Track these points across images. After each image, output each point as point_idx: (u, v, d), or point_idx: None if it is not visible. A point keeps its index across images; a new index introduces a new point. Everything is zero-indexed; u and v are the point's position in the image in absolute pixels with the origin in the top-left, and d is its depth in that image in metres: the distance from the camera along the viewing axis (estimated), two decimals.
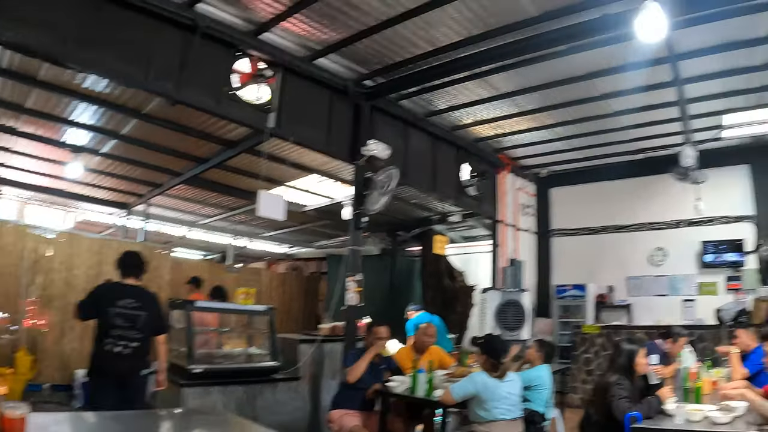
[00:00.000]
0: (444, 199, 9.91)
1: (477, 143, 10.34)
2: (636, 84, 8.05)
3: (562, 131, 10.04)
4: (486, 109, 8.97)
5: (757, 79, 7.96)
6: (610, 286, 11.78)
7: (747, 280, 10.81)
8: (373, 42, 6.81)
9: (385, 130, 8.27)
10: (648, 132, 10.13)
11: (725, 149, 10.83)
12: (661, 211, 11.58)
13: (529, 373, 5.88)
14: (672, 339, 6.80)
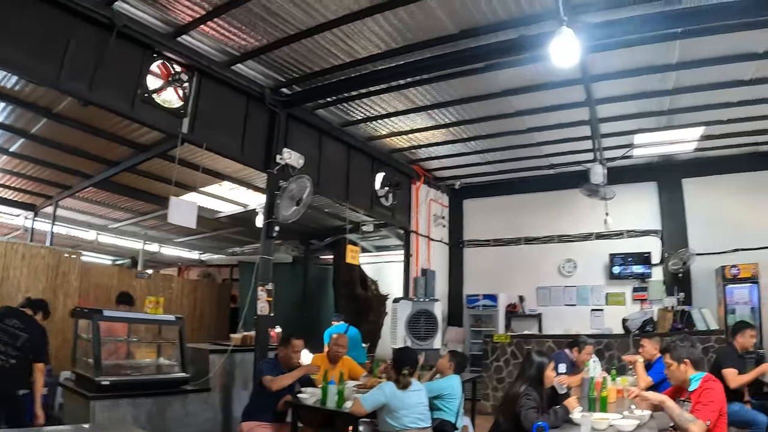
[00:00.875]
0: (357, 209, 10.08)
1: (392, 154, 10.63)
2: (550, 102, 8.62)
3: (477, 145, 10.46)
4: (402, 121, 9.26)
5: (667, 102, 8.69)
6: (521, 296, 12.34)
7: (653, 291, 11.69)
8: (292, 50, 6.94)
9: (300, 138, 8.40)
10: (560, 148, 10.73)
11: (635, 167, 11.73)
12: (571, 224, 12.26)
13: (441, 383, 6.02)
14: (578, 348, 6.96)
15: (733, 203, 11.65)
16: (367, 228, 11.38)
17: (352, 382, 6.35)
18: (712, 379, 4.46)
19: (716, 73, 7.75)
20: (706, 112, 9.17)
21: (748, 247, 11.33)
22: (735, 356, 6.67)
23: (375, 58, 7.09)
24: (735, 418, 6.28)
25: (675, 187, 11.96)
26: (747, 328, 6.87)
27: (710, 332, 10.01)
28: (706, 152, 11.33)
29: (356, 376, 6.94)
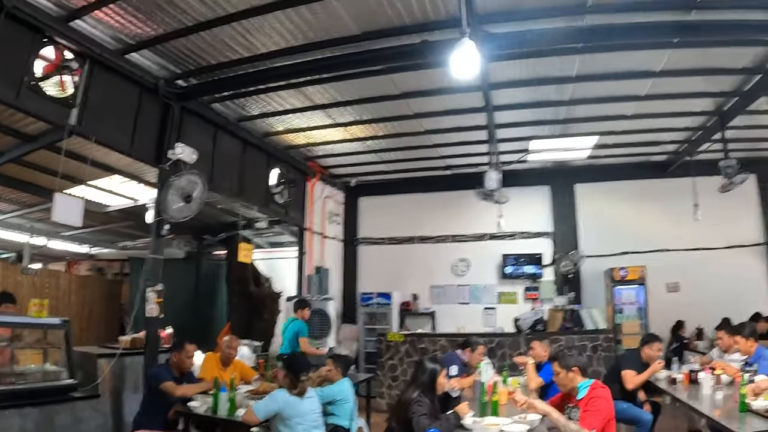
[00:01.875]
0: (251, 206, 10.03)
1: (288, 150, 10.67)
2: (449, 107, 9.00)
3: (374, 144, 10.71)
4: (299, 118, 9.34)
5: (564, 111, 9.31)
6: (415, 294, 12.74)
7: (544, 290, 12.41)
8: (189, 42, 6.82)
9: (194, 132, 8.22)
10: (457, 151, 11.16)
11: (530, 171, 12.39)
12: (465, 224, 12.79)
13: (332, 389, 6.02)
14: (471, 348, 7.14)
15: (623, 209, 12.66)
16: (260, 225, 11.31)
17: (244, 387, 6.31)
18: (600, 386, 4.65)
19: (613, 87, 8.39)
20: (600, 123, 9.90)
21: (636, 251, 12.33)
22: (638, 362, 7.07)
23: (275, 54, 7.12)
24: (622, 416, 6.69)
25: (568, 192, 12.79)
26: (656, 342, 7.21)
27: (599, 331, 10.63)
28: (599, 160, 12.18)
29: (248, 378, 6.89)
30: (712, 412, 5.23)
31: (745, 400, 4.93)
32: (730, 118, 9.60)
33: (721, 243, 12.45)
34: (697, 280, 12.24)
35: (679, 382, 6.81)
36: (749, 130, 10.64)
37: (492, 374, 6.49)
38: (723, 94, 9.00)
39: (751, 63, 7.92)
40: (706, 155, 11.27)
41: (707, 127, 10.34)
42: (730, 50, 7.45)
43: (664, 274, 12.36)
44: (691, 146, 11.29)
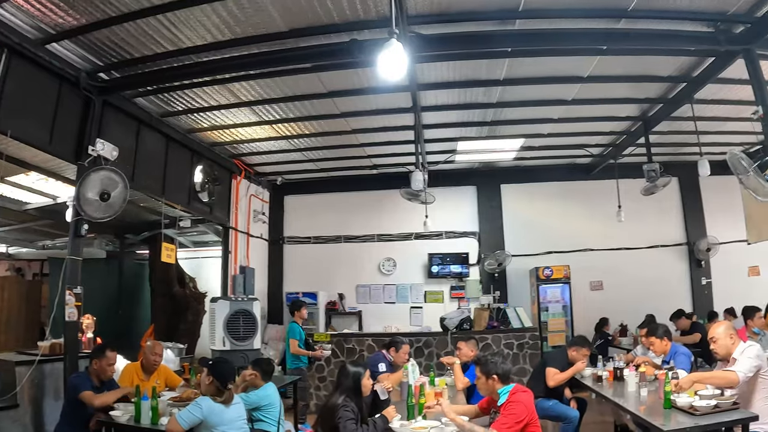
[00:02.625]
0: (175, 204, 9.81)
1: (213, 147, 10.54)
2: (376, 106, 9.10)
3: (301, 143, 10.71)
4: (225, 115, 9.22)
5: (491, 114, 9.55)
6: (341, 293, 12.82)
7: (470, 289, 12.75)
8: (112, 33, 6.58)
9: (117, 128, 7.98)
10: (384, 150, 11.29)
11: (457, 171, 12.74)
12: (392, 223, 12.96)
13: (258, 394, 5.96)
14: (395, 348, 7.24)
15: (548, 209, 13.14)
16: (184, 223, 11.09)
17: (167, 395, 6.16)
18: (521, 390, 4.76)
19: (541, 90, 8.69)
20: (527, 126, 10.24)
21: (561, 250, 12.82)
22: (563, 361, 7.27)
23: (201, 49, 7.00)
24: (549, 413, 7.07)
25: (494, 192, 13.17)
26: (585, 347, 7.41)
27: (525, 329, 10.94)
28: (525, 161, 12.61)
29: (174, 385, 6.78)
30: (638, 408, 5.47)
31: (669, 396, 5.13)
32: (654, 123, 10.13)
33: (644, 243, 13.16)
34: (621, 279, 12.92)
35: (604, 379, 7.03)
36: (672, 135, 11.22)
37: (419, 375, 6.54)
38: (648, 100, 9.50)
39: (677, 71, 8.40)
40: (630, 159, 11.86)
41: (632, 131, 10.89)
42: (657, 58, 7.87)
43: (589, 272, 12.97)
44: (615, 150, 11.83)
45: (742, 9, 6.63)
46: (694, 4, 6.52)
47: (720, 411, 4.82)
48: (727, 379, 5.06)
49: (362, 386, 4.86)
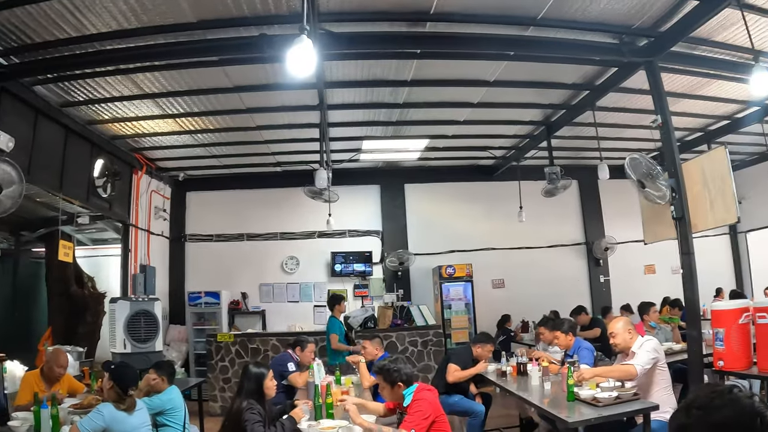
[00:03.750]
0: (73, 199, 9.57)
1: (114, 141, 10.36)
2: (282, 103, 9.21)
3: (204, 138, 10.71)
4: (127, 106, 9.05)
5: (397, 114, 9.85)
6: (244, 292, 12.89)
7: (374, 288, 13.05)
8: (12, 15, 6.21)
9: (13, 117, 7.65)
10: (289, 148, 11.48)
11: (361, 170, 13.04)
12: (295, 221, 13.14)
13: (161, 398, 5.87)
14: (301, 347, 7.37)
15: (452, 209, 13.68)
16: (83, 220, 10.85)
17: (69, 401, 6.07)
18: (425, 388, 4.89)
19: (447, 93, 9.08)
20: (432, 127, 10.64)
21: (464, 249, 13.35)
22: (468, 358, 7.62)
23: (105, 36, 6.76)
24: (455, 409, 7.39)
25: (397, 192, 13.61)
26: (489, 344, 7.77)
27: (429, 327, 11.31)
28: (429, 161, 13.05)
29: (77, 392, 6.69)
30: (542, 401, 5.80)
31: (572, 389, 5.42)
32: (556, 128, 10.77)
33: (545, 242, 13.99)
34: (522, 277, 13.71)
35: (508, 374, 7.36)
36: (573, 140, 11.94)
37: (324, 375, 6.69)
38: (552, 106, 10.13)
39: (580, 79, 9.04)
40: (533, 161, 12.58)
41: (535, 135, 11.51)
42: (562, 66, 8.41)
43: (491, 271, 13.64)
44: (518, 152, 12.46)
45: (647, 23, 7.24)
46: (601, 17, 7.01)
47: (621, 402, 5.16)
48: (626, 372, 5.45)
49: (265, 388, 4.91)
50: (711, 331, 6.70)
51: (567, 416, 4.96)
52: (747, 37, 6.84)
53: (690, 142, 12.92)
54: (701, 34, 7.54)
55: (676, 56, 7.88)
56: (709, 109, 11.19)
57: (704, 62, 8.40)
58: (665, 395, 5.54)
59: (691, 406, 1.80)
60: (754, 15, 7.05)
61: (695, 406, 1.79)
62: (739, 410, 1.72)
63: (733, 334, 6.13)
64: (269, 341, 10.76)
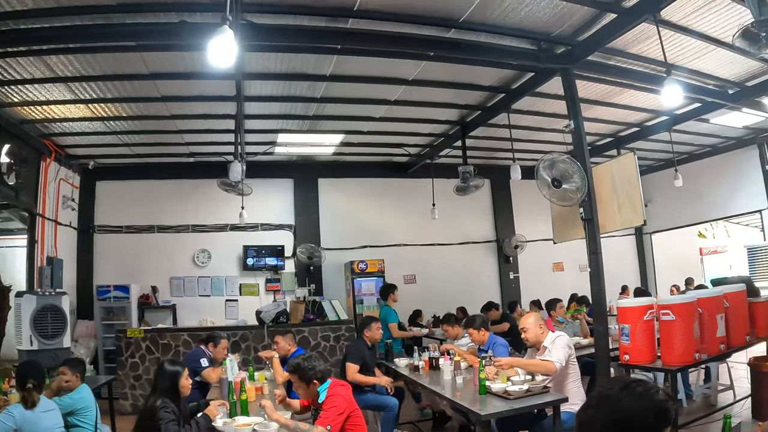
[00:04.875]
0: None
1: (22, 126, 10.09)
2: (198, 92, 9.21)
3: (117, 125, 10.58)
4: (38, 89, 8.83)
5: (314, 108, 10.06)
6: (154, 286, 12.74)
7: (285, 282, 13.23)
8: None
9: None
10: (203, 138, 11.50)
11: (275, 163, 13.22)
12: (207, 214, 13.18)
13: (71, 397, 5.78)
14: (213, 343, 7.40)
15: (365, 204, 14.14)
16: None
17: None
18: (338, 384, 5.06)
19: (365, 90, 9.35)
20: (348, 122, 10.95)
21: (376, 245, 13.79)
22: (363, 350, 7.89)
23: (19, 15, 6.55)
24: (370, 404, 7.61)
25: (311, 186, 13.89)
26: (373, 322, 8.16)
27: (341, 322, 11.55)
28: (344, 157, 13.38)
29: None
30: (455, 395, 6.13)
31: (484, 383, 5.71)
32: (471, 128, 11.32)
33: (456, 239, 14.65)
34: (434, 273, 14.35)
35: (420, 368, 7.72)
36: (488, 140, 12.47)
37: (238, 370, 6.76)
38: (468, 106, 10.62)
39: (497, 82, 9.55)
40: (447, 160, 13.11)
41: (450, 134, 12.00)
42: (480, 69, 8.82)
43: (403, 266, 14.10)
44: (432, 150, 12.95)
45: (566, 32, 7.76)
46: (522, 23, 7.43)
47: (532, 395, 5.49)
48: (546, 368, 5.79)
49: (180, 386, 4.93)
50: (617, 327, 7.04)
51: (479, 409, 5.21)
52: (661, 51, 7.39)
53: (600, 147, 13.86)
54: (617, 46, 8.19)
55: (591, 65, 8.49)
56: (620, 117, 12.06)
57: (618, 72, 9.08)
58: (575, 388, 5.93)
59: (598, 399, 2.08)
60: (668, 30, 7.69)
61: (601, 399, 2.06)
62: (643, 402, 1.99)
63: (638, 329, 6.47)
64: (180, 337, 10.63)
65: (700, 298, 6.71)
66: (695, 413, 8.34)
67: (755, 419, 7.44)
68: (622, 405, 1.99)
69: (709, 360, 7.18)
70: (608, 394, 2.06)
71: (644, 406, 1.99)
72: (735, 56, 8.78)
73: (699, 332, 6.41)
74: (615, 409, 2.00)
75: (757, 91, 10.35)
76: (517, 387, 5.63)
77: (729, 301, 7.07)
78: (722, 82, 10.18)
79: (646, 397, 2.00)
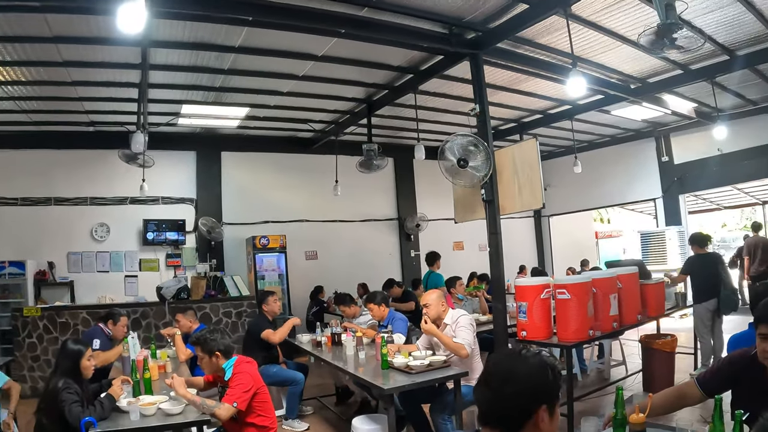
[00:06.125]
0: None
1: None
2: (102, 58, 8.99)
3: (14, 90, 10.22)
4: None
5: (220, 80, 10.07)
6: (51, 262, 12.44)
7: (186, 257, 13.29)
8: None
9: None
10: (104, 107, 11.27)
11: (178, 135, 13.15)
12: (106, 186, 12.96)
13: None
14: (113, 321, 7.44)
15: (268, 179, 14.39)
16: None
17: None
18: (244, 361, 5.17)
19: (273, 63, 9.45)
20: (254, 96, 11.04)
21: (278, 220, 14.10)
22: (266, 325, 8.21)
23: None
24: (275, 379, 7.93)
25: (214, 159, 13.96)
26: (269, 296, 8.48)
27: (242, 298, 11.92)
28: (248, 131, 13.54)
29: None
30: (357, 370, 6.37)
31: (387, 358, 6.03)
32: (378, 107, 11.66)
33: (359, 217, 15.24)
34: (335, 249, 14.81)
35: (323, 344, 8.06)
36: (393, 119, 12.98)
37: (140, 349, 6.69)
38: (375, 85, 10.92)
39: (406, 63, 9.89)
40: (352, 137, 13.56)
41: (356, 112, 12.34)
42: (390, 48, 9.05)
43: (304, 243, 14.52)
44: (338, 127, 13.31)
45: (478, 18, 8.15)
46: (435, 6, 7.73)
47: (433, 369, 5.84)
48: (457, 350, 6.06)
49: (82, 367, 4.94)
50: (515, 305, 7.45)
51: (382, 383, 5.47)
52: (569, 43, 7.89)
53: (504, 131, 14.68)
54: (527, 35, 8.73)
55: (500, 52, 9.00)
56: (525, 103, 12.75)
57: (526, 60, 9.61)
58: (475, 363, 6.31)
59: (491, 372, 2.20)
60: (578, 24, 8.31)
61: (494, 371, 2.19)
62: (532, 366, 2.13)
63: (535, 307, 6.85)
64: (79, 315, 10.55)
65: (595, 279, 7.13)
66: (589, 387, 9.07)
67: (646, 391, 8.26)
68: (513, 374, 2.12)
69: (602, 337, 7.65)
70: (498, 368, 2.20)
71: (532, 370, 2.13)
72: (639, 54, 9.51)
73: (593, 311, 6.85)
74: (507, 378, 2.12)
75: (657, 88, 11.44)
76: (419, 362, 5.94)
77: (622, 282, 7.55)
78: (625, 77, 11.09)
79: (532, 362, 2.16)
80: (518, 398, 2.07)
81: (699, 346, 9.49)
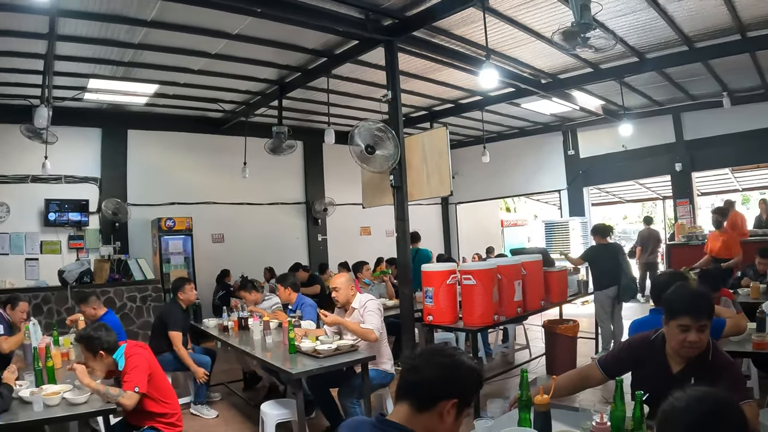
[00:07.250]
0: None
1: None
2: (8, 27, 8.51)
3: None
4: None
5: (130, 54, 9.81)
6: None
7: (89, 239, 12.96)
8: None
9: None
10: (5, 78, 10.75)
11: (83, 111, 12.72)
12: (6, 163, 12.36)
13: None
14: (11, 306, 7.23)
15: (175, 160, 14.28)
16: None
17: None
18: (134, 344, 5.05)
19: (186, 40, 9.29)
20: (164, 72, 10.83)
21: (184, 202, 14.06)
22: (179, 315, 7.97)
23: None
24: (173, 367, 7.74)
25: (120, 137, 13.64)
26: (186, 284, 8.28)
27: (148, 282, 11.90)
28: (156, 108, 13.32)
29: None
30: (265, 354, 6.44)
31: (294, 342, 6.10)
32: (290, 89, 11.76)
33: (266, 200, 15.40)
34: (242, 232, 14.89)
35: (230, 328, 8.07)
36: (305, 103, 13.12)
37: (42, 336, 6.52)
38: (288, 67, 11.01)
39: (321, 46, 10.02)
40: (262, 119, 13.65)
41: (267, 93, 12.39)
42: (306, 31, 9.11)
43: (211, 225, 14.53)
44: (248, 108, 13.33)
45: (395, 6, 8.34)
46: None
47: (341, 353, 5.93)
48: (366, 335, 6.16)
49: None
50: (422, 290, 7.51)
51: (290, 368, 5.54)
52: (484, 36, 8.16)
53: (415, 119, 15.12)
54: (443, 25, 9.05)
55: (415, 40, 9.26)
56: (437, 92, 13.16)
57: (441, 50, 9.90)
58: (383, 347, 6.47)
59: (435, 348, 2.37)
60: (494, 18, 8.65)
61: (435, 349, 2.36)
62: (465, 363, 2.26)
63: (442, 292, 7.00)
64: None
65: (500, 266, 7.40)
66: (495, 370, 9.49)
67: (549, 374, 8.73)
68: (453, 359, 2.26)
69: (507, 322, 8.04)
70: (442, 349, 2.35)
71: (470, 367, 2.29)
72: (552, 50, 9.98)
73: (498, 296, 7.08)
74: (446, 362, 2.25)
75: (567, 84, 12.11)
76: (326, 346, 6.01)
77: (526, 269, 7.84)
78: (537, 72, 11.64)
79: (473, 363, 2.33)
80: (438, 378, 2.22)
81: (600, 331, 10.08)
